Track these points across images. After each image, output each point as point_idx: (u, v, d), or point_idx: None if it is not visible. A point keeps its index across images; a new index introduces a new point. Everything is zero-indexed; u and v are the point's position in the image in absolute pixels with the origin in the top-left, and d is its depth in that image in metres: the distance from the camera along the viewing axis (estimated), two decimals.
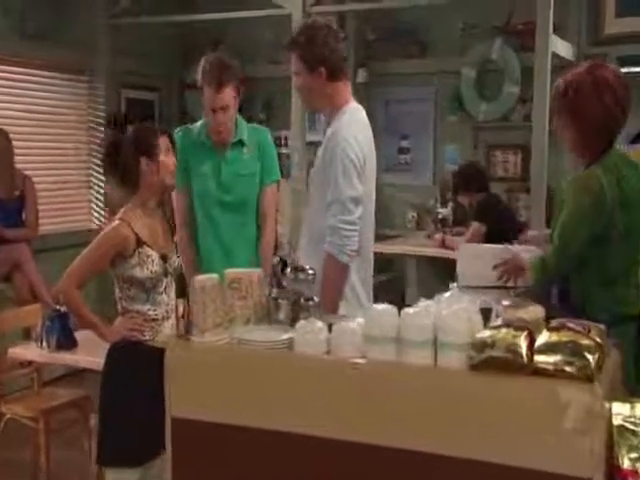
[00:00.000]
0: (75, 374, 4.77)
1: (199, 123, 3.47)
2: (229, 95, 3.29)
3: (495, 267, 2.65)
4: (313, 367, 1.73)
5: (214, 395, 1.82)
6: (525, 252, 2.74)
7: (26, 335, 4.37)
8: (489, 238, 5.23)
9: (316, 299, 1.90)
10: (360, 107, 2.93)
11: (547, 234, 2.80)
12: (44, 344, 3.81)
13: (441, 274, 5.93)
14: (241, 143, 3.45)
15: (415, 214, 6.20)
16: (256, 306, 1.91)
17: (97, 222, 5.65)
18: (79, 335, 3.85)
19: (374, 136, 2.94)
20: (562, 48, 5.13)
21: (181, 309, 1.98)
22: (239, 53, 5.94)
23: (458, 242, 5.39)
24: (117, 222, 2.86)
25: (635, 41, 5.41)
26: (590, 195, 2.41)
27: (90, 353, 3.72)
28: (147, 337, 2.90)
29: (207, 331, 1.81)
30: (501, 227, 5.21)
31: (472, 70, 5.90)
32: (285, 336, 1.79)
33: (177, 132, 3.43)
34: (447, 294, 1.78)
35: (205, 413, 1.81)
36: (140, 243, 2.84)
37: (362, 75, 5.95)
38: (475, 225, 5.25)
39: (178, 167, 3.01)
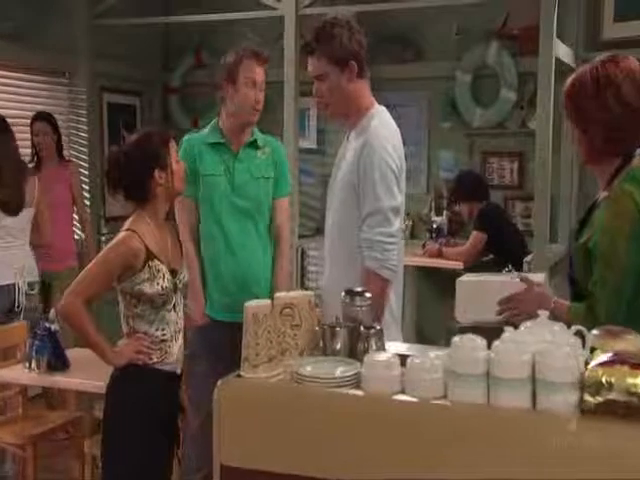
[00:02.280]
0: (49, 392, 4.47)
1: (208, 127, 3.28)
2: (263, 77, 3.16)
3: (502, 303, 2.17)
4: (387, 409, 1.51)
5: (270, 440, 1.59)
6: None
7: (4, 355, 4.08)
8: (490, 248, 5.11)
9: (378, 327, 1.69)
10: (385, 109, 2.75)
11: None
12: (33, 365, 3.57)
13: (438, 286, 5.78)
14: (255, 144, 3.24)
15: (409, 223, 6.02)
16: (308, 335, 1.70)
17: (79, 233, 5.34)
18: (70, 354, 3.63)
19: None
20: (563, 52, 5.02)
21: None
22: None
23: (457, 253, 5.26)
24: (125, 233, 2.65)
25: (633, 46, 5.31)
26: (627, 221, 1.97)
27: (84, 375, 3.50)
28: (155, 360, 2.70)
29: (260, 365, 1.59)
30: (502, 237, 5.10)
31: (467, 75, 5.75)
32: (351, 372, 1.58)
33: (185, 138, 3.24)
34: (531, 322, 1.57)
35: (260, 461, 1.58)
36: (150, 256, 2.63)
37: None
38: (476, 234, 5.12)
39: (186, 173, 2.83)
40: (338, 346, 1.68)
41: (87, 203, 5.46)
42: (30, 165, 4.77)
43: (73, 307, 2.63)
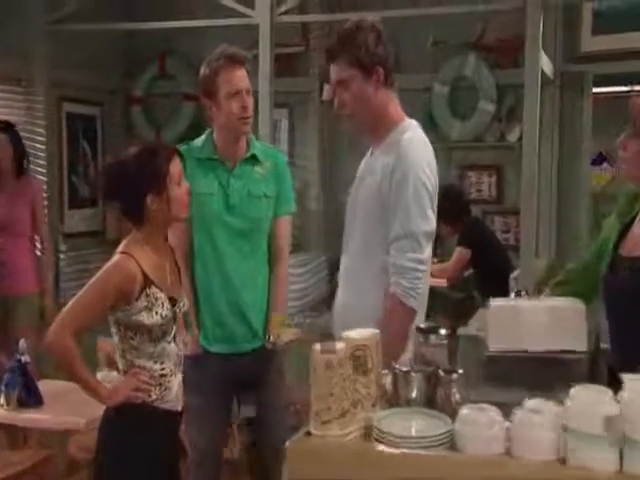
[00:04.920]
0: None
1: (202, 138, 2.99)
2: (247, 79, 2.86)
3: None
4: (492, 474, 1.29)
5: None
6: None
7: None
8: (474, 263, 4.98)
9: (460, 371, 1.47)
10: (416, 123, 2.54)
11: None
12: (2, 401, 3.26)
13: None
14: (254, 159, 2.96)
15: None
16: (378, 381, 1.46)
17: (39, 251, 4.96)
18: (42, 387, 3.32)
19: (340, 156, 2.59)
20: (544, 65, 4.93)
21: None
22: (192, 65, 5.48)
23: (442, 269, 5.09)
24: (120, 256, 2.37)
25: (611, 59, 5.26)
26: None
27: (59, 410, 3.21)
28: (154, 397, 2.43)
29: (333, 421, 1.35)
30: (487, 252, 4.96)
31: (444, 87, 5.61)
32: (442, 429, 1.34)
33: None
34: None
35: None
36: (148, 283, 2.36)
37: (328, 92, 5.55)
38: (460, 250, 4.97)
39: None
40: (414, 394, 1.45)
41: (45, 220, 5.09)
42: None
43: (62, 342, 2.33)
